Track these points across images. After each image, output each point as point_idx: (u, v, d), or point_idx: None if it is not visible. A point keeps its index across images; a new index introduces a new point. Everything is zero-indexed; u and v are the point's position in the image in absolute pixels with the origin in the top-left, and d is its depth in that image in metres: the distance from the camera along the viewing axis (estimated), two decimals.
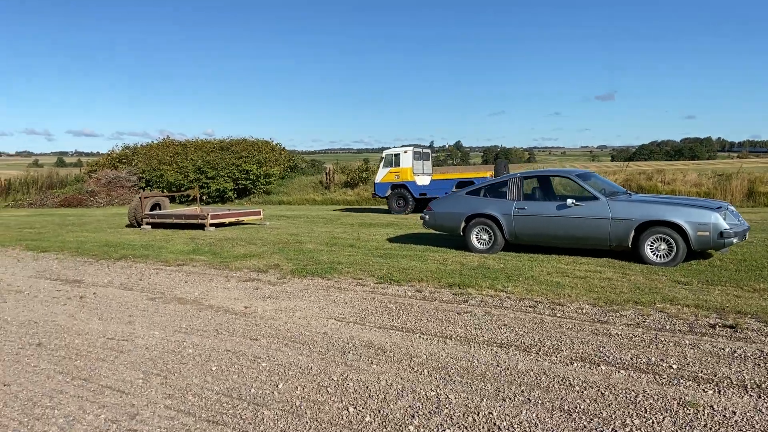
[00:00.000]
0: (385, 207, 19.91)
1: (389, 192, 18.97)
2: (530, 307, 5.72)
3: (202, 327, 5.46)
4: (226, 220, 13.45)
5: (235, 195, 27.52)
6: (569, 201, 7.94)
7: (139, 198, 14.38)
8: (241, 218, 13.85)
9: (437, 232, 11.39)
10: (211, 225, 12.99)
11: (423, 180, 18.78)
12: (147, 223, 14.02)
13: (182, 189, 26.69)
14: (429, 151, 20.52)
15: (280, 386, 3.90)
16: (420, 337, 4.89)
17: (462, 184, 17.97)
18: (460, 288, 6.58)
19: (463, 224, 8.91)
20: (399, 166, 18.89)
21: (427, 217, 9.45)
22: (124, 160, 31.16)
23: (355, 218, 16.62)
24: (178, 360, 4.53)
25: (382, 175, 19.27)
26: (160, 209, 15.17)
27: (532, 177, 8.85)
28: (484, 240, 8.79)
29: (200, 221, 13.05)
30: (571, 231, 7.95)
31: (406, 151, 19.02)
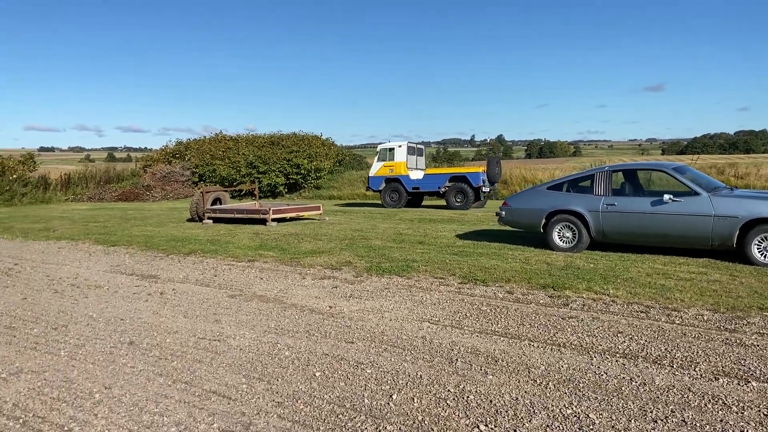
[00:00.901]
0: (442, 203, 19.66)
1: (383, 186, 19.28)
2: (641, 312, 5.27)
3: (292, 327, 5.23)
4: (287, 215, 13.34)
5: (286, 190, 27.60)
6: (666, 197, 7.39)
7: (201, 192, 14.43)
8: (301, 213, 13.72)
9: (509, 229, 10.96)
10: (273, 220, 12.90)
11: (416, 174, 19.12)
12: (209, 218, 14.05)
13: (234, 183, 26.94)
14: (423, 147, 21.01)
15: (394, 397, 3.61)
16: (530, 344, 4.53)
17: (455, 178, 18.25)
18: (554, 290, 6.17)
19: (543, 221, 8.46)
20: (393, 160, 19.21)
21: (503, 213, 9.03)
22: (177, 155, 31.71)
23: (413, 214, 16.29)
24: (276, 363, 4.30)
25: (376, 169, 19.59)
26: (221, 204, 15.20)
27: (621, 171, 8.31)
28: (568, 238, 8.32)
29: (262, 216, 12.97)
30: (669, 229, 7.41)
31: (400, 146, 19.29)
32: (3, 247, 11.62)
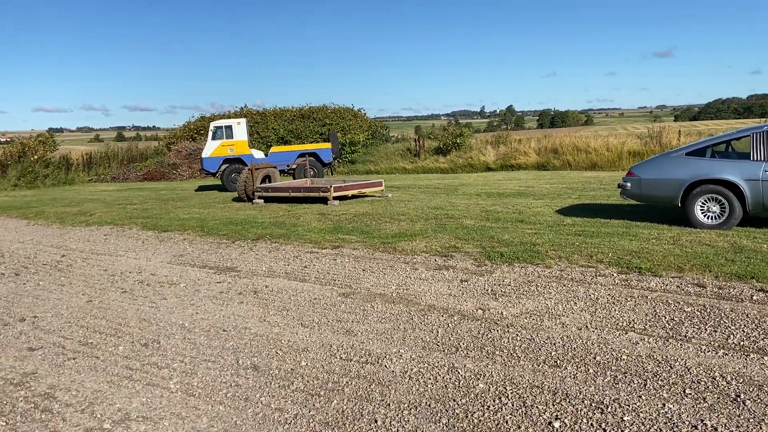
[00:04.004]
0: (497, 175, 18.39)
1: (221, 167, 17.82)
2: None
3: (455, 341, 4.05)
4: (349, 193, 12.11)
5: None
6: None
7: (249, 170, 13.21)
8: (362, 190, 12.48)
9: (611, 202, 9.69)
10: (335, 198, 11.67)
11: (260, 153, 18.28)
12: (259, 197, 12.86)
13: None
14: (249, 125, 20.67)
15: None
16: None
17: (303, 155, 18.03)
18: (758, 281, 4.91)
19: (682, 193, 7.15)
20: (232, 138, 17.93)
21: (628, 184, 7.71)
22: (201, 132, 30.41)
23: (475, 188, 14.93)
24: (479, 404, 3.12)
25: (211, 148, 18.05)
26: (270, 181, 14.01)
27: None
28: (714, 213, 7.01)
29: (321, 194, 11.74)
30: None
31: (239, 123, 18.04)
32: (42, 235, 10.55)
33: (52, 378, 3.85)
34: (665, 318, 4.24)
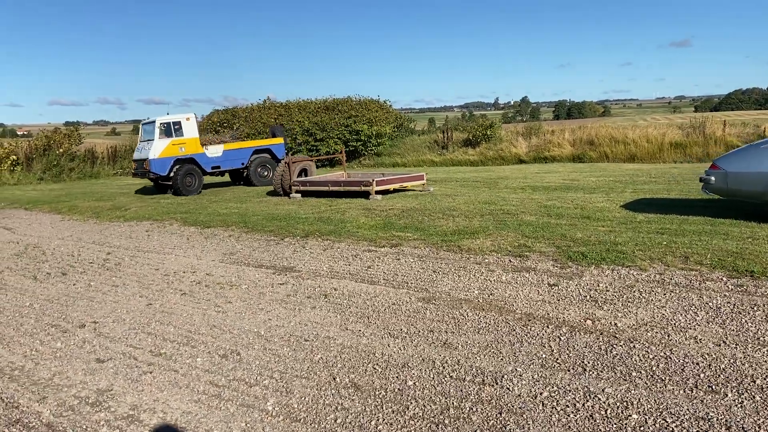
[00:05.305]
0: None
1: (173, 168, 15.61)
2: None
3: (575, 359, 3.59)
4: (391, 187, 11.65)
5: (345, 158, 25.89)
6: None
7: (286, 163, 12.81)
8: (404, 184, 12.02)
9: (673, 197, 9.14)
10: (376, 192, 11.22)
11: (215, 150, 16.41)
12: (296, 191, 12.46)
13: (290, 153, 25.35)
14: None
15: None
16: None
17: (259, 152, 17.15)
18: None
19: None
20: (182, 136, 15.85)
21: (712, 179, 7.18)
22: (225, 124, 30.15)
23: (516, 181, 14.41)
24: None
25: (160, 148, 15.46)
26: (306, 175, 13.60)
27: None
28: None
29: (363, 189, 11.30)
30: None
31: (188, 118, 16.06)
32: (80, 231, 10.26)
33: (132, 396, 3.47)
34: None
